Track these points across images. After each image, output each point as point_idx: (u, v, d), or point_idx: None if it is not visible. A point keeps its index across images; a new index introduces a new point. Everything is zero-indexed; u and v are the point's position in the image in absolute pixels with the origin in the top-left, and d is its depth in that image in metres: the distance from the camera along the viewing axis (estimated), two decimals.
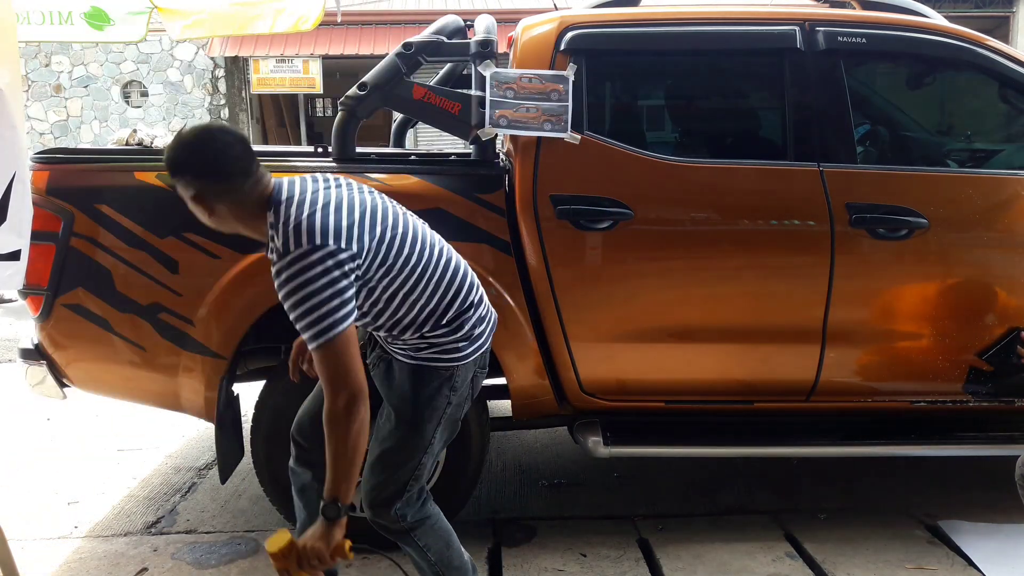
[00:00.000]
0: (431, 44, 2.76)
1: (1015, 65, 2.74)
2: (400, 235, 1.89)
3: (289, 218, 1.76)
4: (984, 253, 2.71)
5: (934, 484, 3.27)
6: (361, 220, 1.82)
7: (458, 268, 2.00)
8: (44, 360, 2.71)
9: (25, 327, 2.83)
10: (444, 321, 1.96)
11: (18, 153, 2.26)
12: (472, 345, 2.00)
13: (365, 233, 1.81)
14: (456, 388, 2.01)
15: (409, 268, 1.89)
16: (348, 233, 1.77)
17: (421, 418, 1.99)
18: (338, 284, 1.74)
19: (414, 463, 2.01)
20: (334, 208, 1.80)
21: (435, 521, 2.10)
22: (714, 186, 2.71)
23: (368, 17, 12.93)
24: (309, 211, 1.77)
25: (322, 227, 1.75)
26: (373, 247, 1.82)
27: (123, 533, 3.00)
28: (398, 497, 2.01)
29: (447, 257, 1.99)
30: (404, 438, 1.99)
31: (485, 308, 2.06)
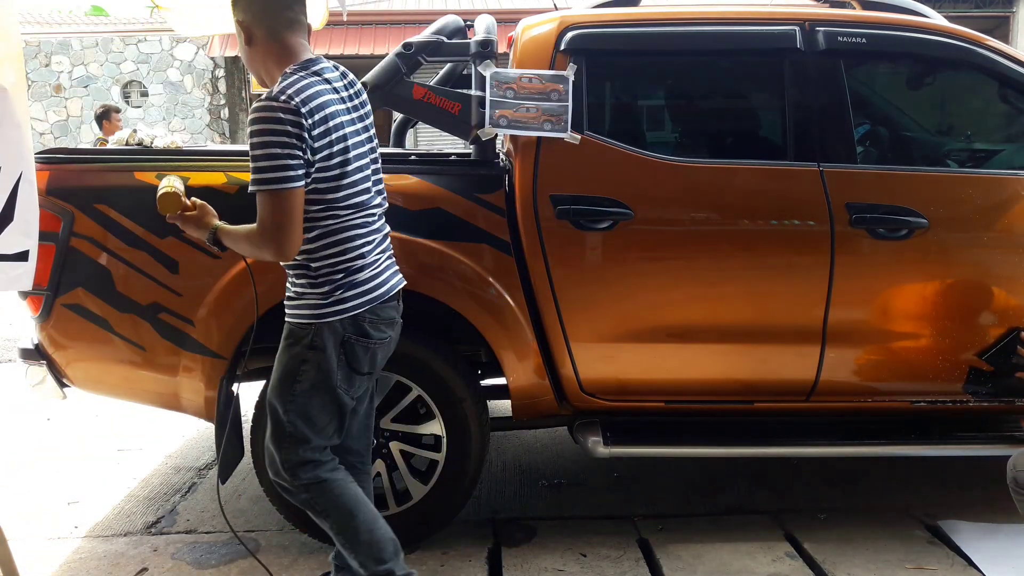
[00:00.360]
0: (431, 44, 2.77)
1: (1015, 65, 2.74)
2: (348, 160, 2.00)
3: (288, 77, 1.94)
4: (984, 253, 2.71)
5: (934, 484, 3.27)
6: (333, 127, 1.95)
7: (374, 226, 2.11)
8: (44, 360, 2.72)
9: (25, 327, 2.83)
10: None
11: (24, 153, 2.26)
12: (337, 305, 2.04)
13: (331, 134, 1.94)
14: (316, 348, 2.06)
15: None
16: (316, 118, 1.91)
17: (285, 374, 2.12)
18: (290, 142, 1.88)
19: (289, 420, 2.11)
20: (323, 100, 1.94)
21: (334, 486, 2.14)
22: (714, 186, 2.71)
23: (368, 17, 12.94)
24: (305, 84, 1.93)
25: (304, 96, 1.90)
26: (325, 148, 1.94)
27: (123, 533, 3.00)
28: (284, 453, 2.13)
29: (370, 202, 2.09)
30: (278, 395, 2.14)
31: (376, 272, 2.10)
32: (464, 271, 2.61)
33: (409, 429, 2.74)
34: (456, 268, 2.61)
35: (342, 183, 1.99)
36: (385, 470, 2.74)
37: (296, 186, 1.91)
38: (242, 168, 2.63)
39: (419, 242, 2.60)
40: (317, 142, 1.92)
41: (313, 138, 1.91)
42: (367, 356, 2.11)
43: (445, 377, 2.66)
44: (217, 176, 2.60)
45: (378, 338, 2.12)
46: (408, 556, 2.73)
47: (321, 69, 2.01)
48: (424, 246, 2.60)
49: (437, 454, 2.73)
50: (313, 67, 2.00)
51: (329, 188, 1.98)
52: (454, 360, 2.71)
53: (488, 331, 2.66)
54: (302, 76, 1.95)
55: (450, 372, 2.67)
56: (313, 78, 1.97)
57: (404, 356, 2.64)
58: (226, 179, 2.58)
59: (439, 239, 2.61)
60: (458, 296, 2.63)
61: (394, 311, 2.18)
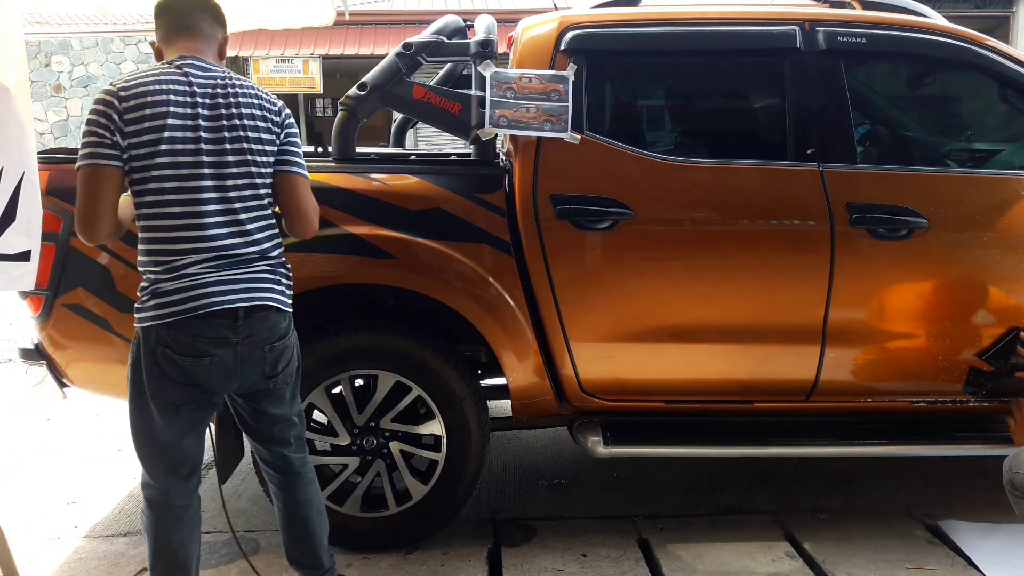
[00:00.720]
0: (431, 44, 2.77)
1: (1015, 65, 2.74)
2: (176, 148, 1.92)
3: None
4: (984, 253, 2.71)
5: (934, 484, 3.27)
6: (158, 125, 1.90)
7: (206, 217, 1.96)
8: (44, 360, 2.72)
9: (25, 327, 2.83)
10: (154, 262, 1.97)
11: (27, 153, 2.26)
12: (146, 312, 1.97)
13: (145, 109, 1.89)
14: (135, 352, 2.00)
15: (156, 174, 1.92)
16: (133, 93, 1.89)
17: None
18: (96, 121, 1.89)
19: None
20: (156, 96, 1.91)
21: (149, 519, 2.09)
22: (714, 186, 2.71)
23: (368, 17, 12.94)
24: (144, 75, 1.93)
25: (125, 81, 1.92)
26: (143, 132, 1.89)
27: (123, 533, 3.00)
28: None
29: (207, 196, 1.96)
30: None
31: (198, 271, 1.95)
32: (464, 271, 2.61)
33: (409, 429, 2.74)
34: (456, 268, 2.61)
35: (148, 186, 1.92)
36: (385, 470, 2.74)
37: (94, 164, 1.89)
38: None
39: (419, 242, 2.60)
40: (133, 137, 1.89)
41: (129, 131, 1.88)
42: (176, 369, 1.95)
43: (445, 377, 2.66)
44: None
45: (191, 354, 1.95)
46: (408, 556, 2.74)
47: (188, 67, 1.98)
48: (424, 246, 2.60)
49: (437, 454, 2.73)
50: (177, 63, 1.99)
51: (138, 190, 1.94)
52: (454, 360, 2.71)
53: (488, 331, 2.66)
54: (154, 69, 1.96)
55: (450, 372, 2.67)
56: (166, 72, 1.95)
57: (404, 356, 2.65)
58: None
59: (439, 239, 2.61)
60: (458, 296, 2.63)
61: (227, 330, 1.97)
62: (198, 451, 2.11)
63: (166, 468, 2.07)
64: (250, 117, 2.01)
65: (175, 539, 2.09)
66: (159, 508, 2.09)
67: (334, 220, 2.59)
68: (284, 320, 2.09)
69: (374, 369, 2.68)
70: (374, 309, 2.91)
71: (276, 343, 2.07)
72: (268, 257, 2.05)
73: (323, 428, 2.78)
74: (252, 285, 2.00)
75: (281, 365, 2.11)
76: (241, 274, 1.99)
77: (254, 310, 2.00)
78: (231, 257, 1.98)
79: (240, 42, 12.91)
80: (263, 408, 2.15)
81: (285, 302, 2.09)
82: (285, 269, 2.12)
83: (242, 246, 2.00)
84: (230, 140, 1.98)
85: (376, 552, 2.77)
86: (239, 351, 2.00)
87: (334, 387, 2.73)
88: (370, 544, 2.79)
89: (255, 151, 2.02)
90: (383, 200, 2.63)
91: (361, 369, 2.69)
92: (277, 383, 2.12)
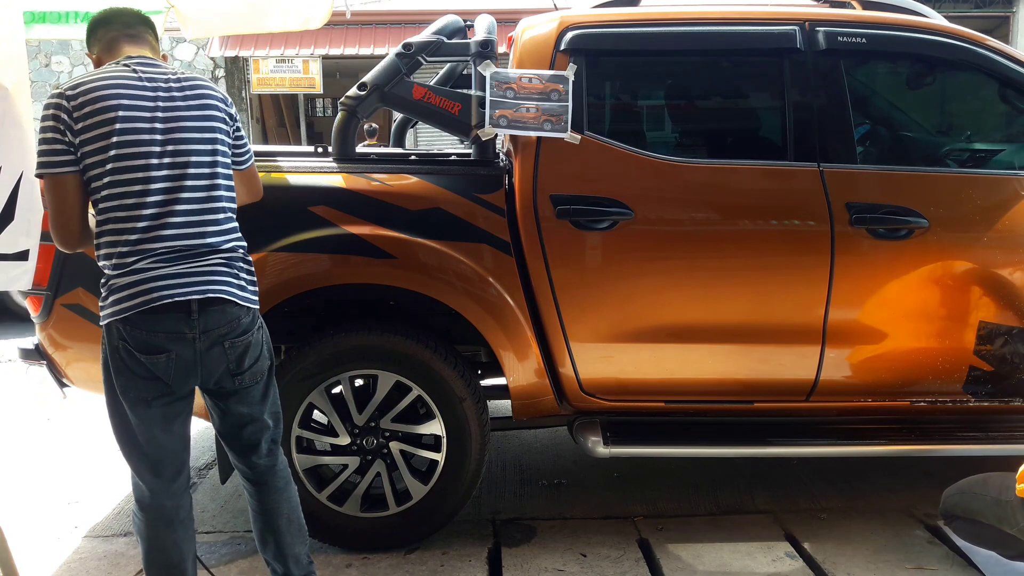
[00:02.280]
0: (431, 44, 2.76)
1: (1015, 65, 2.74)
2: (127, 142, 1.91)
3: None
4: (984, 253, 2.71)
5: (934, 484, 3.26)
6: (110, 118, 1.90)
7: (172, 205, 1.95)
8: (44, 360, 2.72)
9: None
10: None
11: (26, 153, 2.26)
12: (106, 309, 1.95)
13: (92, 104, 1.90)
14: (103, 349, 1.99)
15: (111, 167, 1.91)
16: (79, 92, 1.90)
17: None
18: (46, 126, 1.91)
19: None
20: (102, 77, 1.94)
21: (141, 520, 2.10)
22: (714, 186, 2.71)
23: (368, 17, 12.92)
24: (92, 75, 1.95)
25: (73, 82, 1.94)
26: (93, 128, 1.90)
27: (123, 533, 3.00)
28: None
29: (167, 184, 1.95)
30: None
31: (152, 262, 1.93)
32: (464, 271, 2.61)
33: (409, 429, 2.74)
34: (456, 268, 2.61)
35: (102, 181, 1.92)
36: (385, 470, 2.74)
37: (50, 172, 1.92)
38: None
39: (419, 242, 2.60)
40: (83, 133, 1.89)
41: (78, 128, 1.89)
42: (138, 364, 1.94)
43: (445, 377, 2.66)
44: None
45: (148, 351, 1.93)
46: (408, 556, 2.74)
47: (138, 65, 2.00)
48: (424, 246, 2.60)
49: (437, 454, 2.73)
50: (125, 62, 2.00)
51: (93, 187, 1.94)
52: (454, 360, 2.71)
53: (488, 331, 2.66)
54: (103, 69, 1.99)
55: (450, 372, 2.67)
56: (115, 70, 1.97)
57: (404, 356, 2.65)
58: None
59: (439, 239, 2.61)
60: (458, 296, 2.63)
61: (182, 325, 1.94)
62: (180, 448, 2.08)
63: (150, 468, 2.05)
64: (207, 110, 2.03)
65: (168, 540, 2.09)
66: (149, 510, 2.08)
67: (334, 220, 2.59)
68: (246, 315, 2.05)
69: (374, 369, 2.68)
70: (374, 309, 2.91)
71: (237, 338, 2.03)
72: (223, 250, 2.02)
73: (323, 428, 2.78)
74: (205, 278, 1.97)
75: (247, 362, 2.08)
76: (193, 267, 1.96)
77: (209, 303, 1.97)
78: (183, 251, 1.96)
79: (240, 42, 12.91)
80: (230, 407, 2.12)
81: (244, 296, 2.04)
82: (245, 264, 2.08)
83: (194, 240, 1.98)
84: (185, 134, 1.98)
85: (376, 552, 2.77)
86: (197, 347, 1.97)
87: (334, 387, 2.73)
88: (370, 544, 2.79)
89: (216, 148, 2.03)
90: (383, 200, 2.63)
91: (361, 369, 2.69)
92: (244, 381, 2.09)
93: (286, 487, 2.24)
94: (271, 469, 2.21)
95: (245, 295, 2.05)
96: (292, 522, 2.24)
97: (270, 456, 2.21)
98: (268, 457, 2.20)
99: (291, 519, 2.24)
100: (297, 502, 2.27)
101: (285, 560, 2.24)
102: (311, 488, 2.71)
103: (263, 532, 2.23)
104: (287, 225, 2.59)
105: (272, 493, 2.21)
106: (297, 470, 2.68)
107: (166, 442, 2.04)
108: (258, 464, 2.19)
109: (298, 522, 2.26)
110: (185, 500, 2.12)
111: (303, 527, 2.28)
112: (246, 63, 13.41)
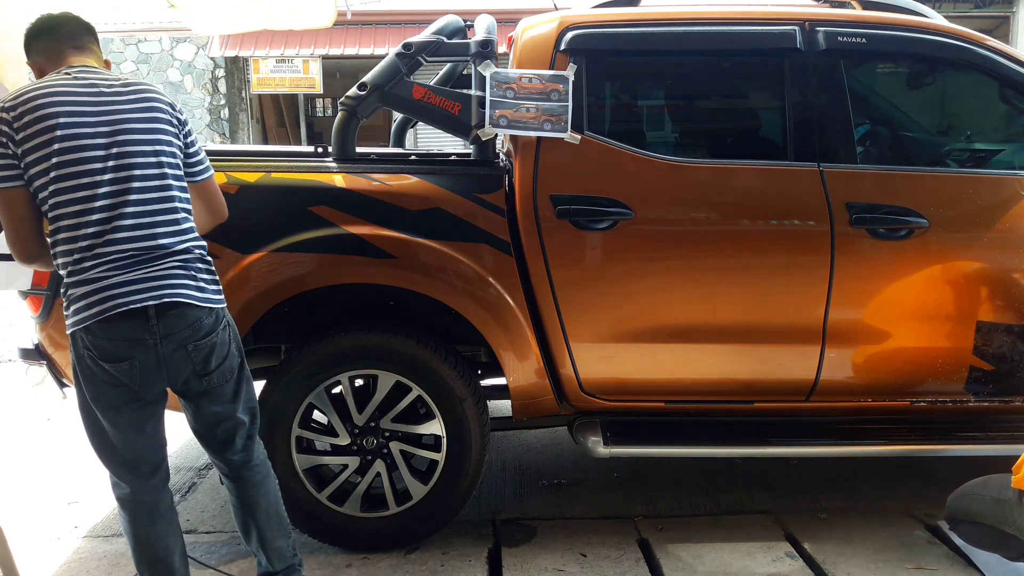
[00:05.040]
0: (431, 44, 2.76)
1: (1015, 65, 2.74)
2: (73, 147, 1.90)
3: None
4: (984, 253, 2.71)
5: (934, 484, 3.26)
6: (49, 126, 1.88)
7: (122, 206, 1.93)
8: (44, 360, 2.72)
9: (25, 327, 2.83)
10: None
11: None
12: (70, 317, 1.94)
13: (32, 113, 1.88)
14: (74, 359, 1.99)
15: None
16: (18, 103, 1.89)
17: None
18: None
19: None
20: (41, 86, 1.93)
21: (124, 518, 2.12)
22: (714, 186, 2.71)
23: (368, 17, 12.93)
24: (31, 86, 1.93)
25: (11, 95, 1.91)
26: (32, 135, 1.88)
27: (123, 533, 2.99)
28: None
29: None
30: None
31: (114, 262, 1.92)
32: (464, 271, 2.61)
33: (409, 429, 2.74)
34: (456, 268, 2.61)
35: (49, 190, 1.90)
36: (385, 470, 2.74)
37: (2, 187, 1.90)
38: (243, 168, 2.64)
39: (419, 242, 2.60)
40: (25, 143, 1.88)
41: (19, 138, 1.88)
42: (103, 372, 1.95)
43: (445, 377, 2.66)
44: (217, 176, 2.59)
45: (110, 359, 1.93)
46: (408, 556, 2.74)
47: (81, 73, 1.99)
48: (424, 246, 2.60)
49: (437, 454, 2.73)
50: (67, 71, 2.00)
51: (41, 198, 1.92)
52: (454, 360, 2.71)
53: (488, 331, 2.66)
54: (40, 80, 1.97)
55: (450, 372, 2.67)
56: (57, 79, 1.96)
57: (404, 356, 2.65)
58: (226, 179, 2.57)
59: (439, 239, 2.61)
60: (458, 296, 2.63)
61: (141, 331, 1.93)
62: (154, 447, 2.09)
63: (126, 467, 2.06)
64: (151, 112, 2.02)
65: (151, 535, 2.11)
66: (129, 506, 2.10)
67: (334, 220, 2.59)
68: (208, 316, 2.03)
69: (374, 369, 2.68)
70: (374, 309, 2.91)
71: (200, 341, 2.02)
72: (177, 251, 1.99)
73: (323, 428, 2.78)
74: (160, 283, 1.95)
75: (214, 363, 2.07)
76: (147, 272, 1.94)
77: (166, 308, 1.95)
78: (135, 255, 1.94)
79: (240, 42, 12.92)
80: (202, 407, 2.12)
81: (203, 297, 2.02)
82: (204, 264, 2.06)
83: (147, 242, 1.95)
84: (130, 136, 1.96)
85: (376, 552, 2.77)
86: (160, 351, 1.96)
87: (334, 387, 2.73)
88: (370, 544, 2.79)
89: (162, 150, 2.01)
90: (383, 200, 2.63)
91: (361, 369, 2.69)
92: (212, 381, 2.08)
93: (263, 481, 2.26)
94: (247, 464, 2.23)
95: (205, 295, 2.03)
96: (271, 516, 2.26)
97: (245, 451, 2.22)
98: (244, 452, 2.22)
99: (269, 513, 2.25)
100: (277, 496, 2.29)
101: (268, 554, 2.26)
102: (311, 488, 2.71)
103: (245, 525, 2.27)
104: (287, 225, 2.59)
105: (249, 488, 2.24)
106: (297, 470, 2.68)
107: (139, 444, 2.05)
108: (233, 460, 2.21)
109: (277, 516, 2.27)
110: (165, 495, 2.14)
111: (284, 521, 2.29)
112: (246, 63, 13.42)
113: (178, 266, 1.99)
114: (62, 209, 1.90)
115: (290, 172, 2.69)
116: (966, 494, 2.57)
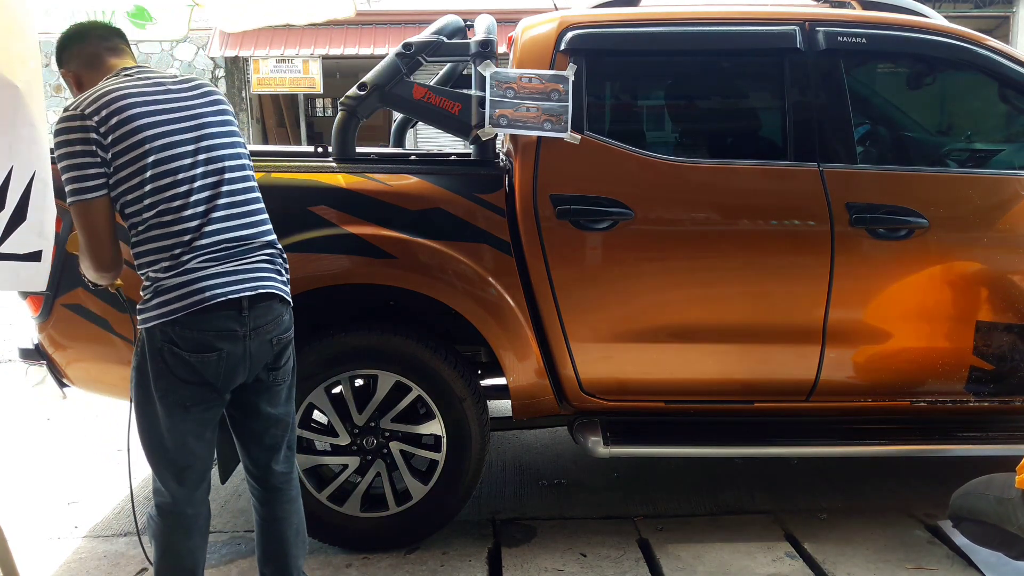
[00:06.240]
0: (431, 44, 2.77)
1: (1015, 65, 2.74)
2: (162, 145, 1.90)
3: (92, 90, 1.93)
4: (984, 253, 2.71)
5: (934, 484, 3.26)
6: (136, 127, 1.87)
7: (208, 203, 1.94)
8: (44, 360, 2.72)
9: (25, 327, 2.83)
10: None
11: (38, 152, 2.21)
12: (151, 311, 1.92)
13: (118, 115, 1.87)
14: (139, 355, 1.98)
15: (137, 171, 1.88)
16: (98, 107, 1.86)
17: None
18: (74, 151, 1.86)
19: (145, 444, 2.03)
20: (114, 89, 1.90)
21: (158, 525, 2.06)
22: (714, 186, 2.71)
23: (368, 17, 12.92)
24: (102, 88, 1.91)
25: (83, 100, 1.88)
26: (118, 131, 1.87)
27: (123, 533, 3.00)
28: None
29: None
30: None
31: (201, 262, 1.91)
32: (464, 271, 2.61)
33: (409, 429, 2.74)
34: (456, 268, 2.61)
35: (144, 189, 1.90)
36: (385, 470, 2.74)
37: (86, 198, 1.89)
38: None
39: (419, 242, 2.60)
40: (114, 146, 1.86)
41: (108, 142, 1.86)
42: (184, 367, 1.92)
43: (445, 377, 2.66)
44: None
45: (199, 350, 1.91)
46: (408, 556, 2.74)
47: (138, 74, 1.99)
48: (424, 246, 2.60)
49: (437, 454, 2.73)
50: (124, 72, 1.99)
51: (132, 198, 1.91)
52: (454, 360, 2.71)
53: (488, 331, 2.66)
54: (105, 82, 1.95)
55: (450, 372, 2.67)
56: (119, 82, 1.94)
57: (404, 356, 2.65)
58: None
59: (439, 239, 2.61)
60: (458, 296, 2.63)
61: (233, 322, 1.93)
62: (207, 455, 2.07)
63: (175, 475, 2.02)
64: (219, 104, 2.05)
65: (184, 548, 2.07)
66: (168, 516, 2.06)
67: (334, 220, 2.59)
68: (287, 311, 2.07)
69: (374, 369, 2.68)
70: (374, 309, 2.91)
71: (283, 335, 2.05)
72: (266, 246, 2.03)
73: (323, 428, 2.78)
74: (253, 275, 1.97)
75: (284, 359, 2.09)
76: (241, 264, 1.96)
77: (258, 299, 1.96)
78: (228, 249, 1.95)
79: (240, 42, 12.91)
80: (259, 406, 2.10)
81: (287, 291, 2.06)
82: (283, 260, 2.09)
83: (241, 232, 1.98)
84: (210, 129, 1.99)
85: (376, 552, 2.77)
86: (248, 344, 1.97)
87: (334, 387, 2.73)
88: (370, 544, 2.79)
89: (239, 141, 2.05)
90: (383, 200, 2.63)
91: (361, 369, 2.69)
92: (278, 377, 2.09)
93: (298, 497, 2.23)
94: (287, 475, 2.19)
95: (287, 290, 2.07)
96: (300, 532, 2.22)
97: (287, 462, 2.19)
98: (286, 463, 2.19)
99: (299, 530, 2.22)
100: (303, 514, 2.26)
101: (291, 573, 2.20)
102: (311, 488, 2.71)
103: (271, 544, 2.19)
104: (287, 225, 2.58)
105: (285, 502, 2.19)
106: (297, 470, 2.68)
107: (196, 448, 2.02)
108: (276, 470, 2.17)
109: (304, 534, 2.25)
110: (205, 508, 2.10)
111: (306, 540, 2.27)
112: (246, 63, 13.41)
113: (266, 259, 2.02)
114: (161, 207, 1.90)
115: (290, 172, 2.69)
116: (970, 493, 2.57)
